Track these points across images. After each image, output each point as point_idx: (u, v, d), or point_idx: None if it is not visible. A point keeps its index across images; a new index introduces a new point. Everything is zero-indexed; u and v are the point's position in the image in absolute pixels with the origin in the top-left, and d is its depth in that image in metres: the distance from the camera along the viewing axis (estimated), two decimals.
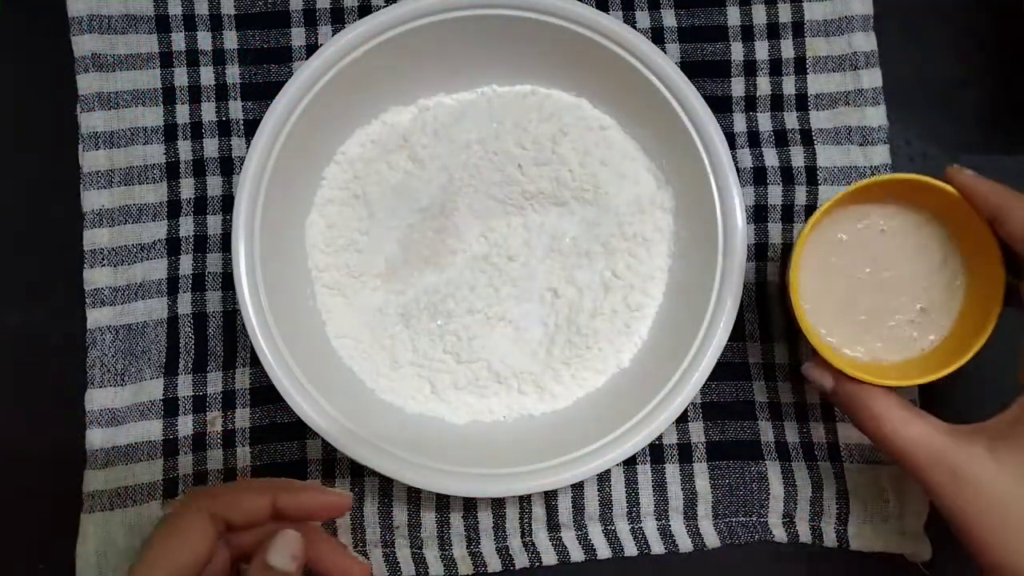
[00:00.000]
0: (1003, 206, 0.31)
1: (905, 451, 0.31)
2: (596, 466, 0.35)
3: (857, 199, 0.34)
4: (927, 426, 0.31)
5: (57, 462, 0.39)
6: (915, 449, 0.30)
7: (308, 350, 0.37)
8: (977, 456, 0.29)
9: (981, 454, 0.29)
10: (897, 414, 0.31)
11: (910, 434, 0.31)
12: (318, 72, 0.37)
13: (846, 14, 0.43)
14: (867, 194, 0.34)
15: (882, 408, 0.32)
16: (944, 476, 0.29)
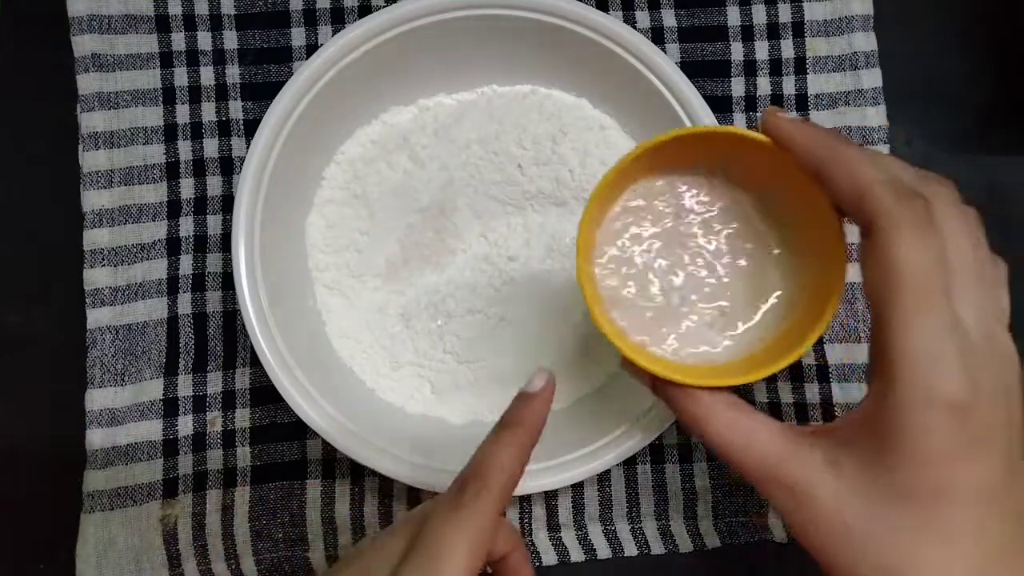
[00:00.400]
0: (828, 158, 0.25)
1: (737, 462, 0.26)
2: (596, 466, 0.35)
3: (657, 167, 0.28)
4: (760, 430, 0.26)
5: (57, 462, 0.39)
6: (751, 459, 0.25)
7: (308, 350, 0.37)
8: (815, 467, 0.25)
9: (819, 465, 0.24)
10: (724, 416, 0.26)
11: (738, 440, 0.26)
12: (318, 72, 0.37)
13: (846, 14, 0.43)
14: (666, 160, 0.28)
15: (703, 409, 0.27)
16: (781, 492, 0.25)
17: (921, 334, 0.22)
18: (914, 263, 0.23)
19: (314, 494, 0.39)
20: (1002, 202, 0.43)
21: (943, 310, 0.23)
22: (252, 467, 0.39)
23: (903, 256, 0.23)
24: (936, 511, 0.23)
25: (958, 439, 0.22)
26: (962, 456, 0.23)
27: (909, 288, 0.23)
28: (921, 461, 0.23)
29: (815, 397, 0.40)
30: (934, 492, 0.23)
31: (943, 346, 0.22)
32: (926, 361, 0.22)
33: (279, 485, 0.39)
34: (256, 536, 0.39)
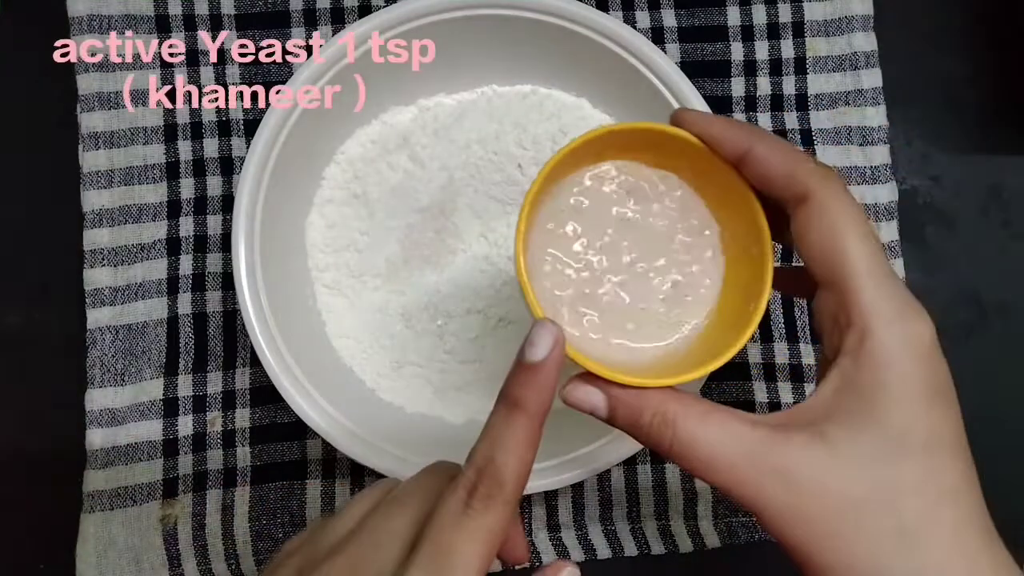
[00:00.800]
0: (747, 138, 0.25)
1: (713, 460, 0.23)
2: (596, 466, 0.35)
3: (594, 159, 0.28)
4: (732, 420, 0.24)
5: (57, 462, 0.39)
6: (725, 454, 0.23)
7: (308, 350, 0.37)
8: (803, 446, 0.23)
9: (807, 443, 0.23)
10: (693, 411, 0.24)
11: (712, 435, 0.23)
12: (318, 72, 0.37)
13: (846, 14, 0.43)
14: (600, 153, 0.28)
15: (674, 408, 0.24)
16: (773, 482, 0.23)
17: (883, 282, 0.23)
18: (858, 217, 0.24)
19: (314, 494, 0.39)
20: (1002, 202, 0.43)
21: (887, 261, 0.24)
22: (252, 467, 0.39)
23: (848, 211, 0.24)
24: (931, 465, 0.23)
25: (935, 380, 0.23)
26: (942, 398, 0.23)
27: (861, 239, 0.23)
28: (912, 406, 0.22)
29: None
30: (927, 440, 0.23)
31: (903, 292, 0.23)
32: (896, 306, 0.23)
33: (279, 485, 0.39)
34: (256, 536, 0.38)
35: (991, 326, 0.42)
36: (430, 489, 0.25)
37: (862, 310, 0.23)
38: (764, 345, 0.41)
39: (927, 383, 0.23)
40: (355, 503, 0.26)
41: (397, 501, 0.25)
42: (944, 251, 0.43)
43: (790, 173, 0.25)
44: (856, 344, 0.23)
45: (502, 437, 0.24)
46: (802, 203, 0.24)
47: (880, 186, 0.42)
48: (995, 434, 0.41)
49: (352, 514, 0.25)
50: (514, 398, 0.25)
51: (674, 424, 0.24)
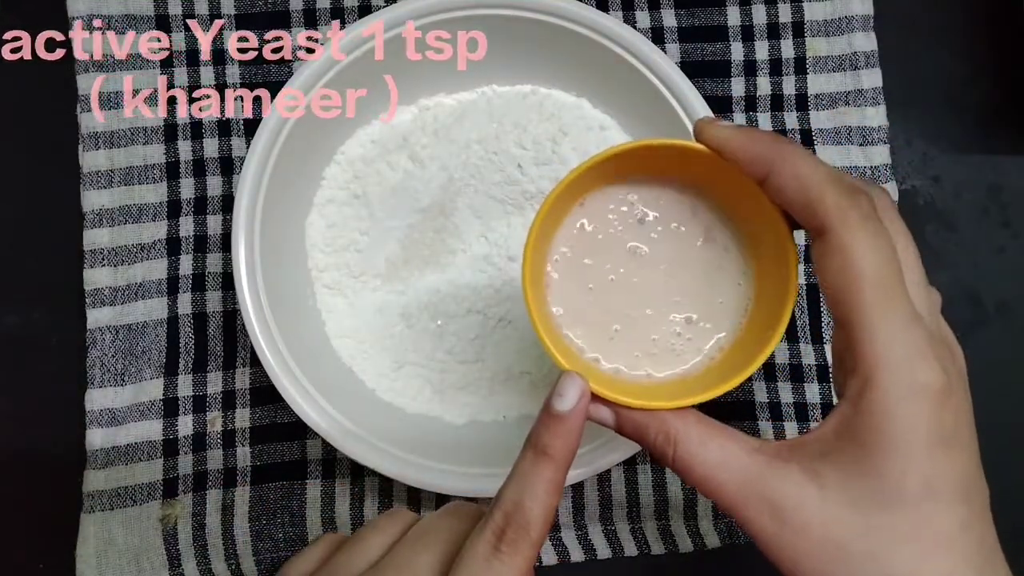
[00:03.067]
0: (768, 159, 0.24)
1: (709, 481, 0.24)
2: (596, 466, 0.35)
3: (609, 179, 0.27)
4: (732, 445, 0.24)
5: (57, 462, 0.39)
6: (721, 476, 0.24)
7: (308, 350, 0.37)
8: (796, 482, 0.23)
9: (800, 479, 0.23)
10: (694, 432, 0.25)
11: (710, 457, 0.24)
12: (318, 72, 0.37)
13: (846, 14, 0.43)
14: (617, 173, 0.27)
15: (677, 427, 0.25)
16: (761, 511, 0.23)
17: (893, 328, 0.22)
18: (873, 259, 0.22)
19: (314, 494, 0.39)
20: (1003, 202, 0.43)
21: (907, 304, 0.23)
22: (252, 467, 0.39)
23: (862, 252, 0.22)
24: (927, 512, 0.22)
25: (939, 429, 0.22)
26: (944, 446, 0.22)
27: (873, 284, 0.22)
28: (909, 455, 0.22)
29: (815, 397, 0.40)
30: (923, 490, 0.22)
31: (915, 338, 0.22)
32: (903, 353, 0.22)
33: (279, 485, 0.39)
34: (256, 536, 0.38)
35: (991, 326, 0.42)
36: (455, 530, 0.26)
37: (866, 358, 0.22)
38: None
39: (929, 432, 0.22)
40: (375, 532, 0.26)
41: (423, 538, 0.25)
42: (944, 251, 0.43)
43: (807, 197, 0.23)
44: (857, 392, 0.23)
45: (530, 482, 0.25)
46: (820, 236, 0.23)
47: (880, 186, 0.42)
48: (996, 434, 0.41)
49: (373, 543, 0.26)
50: (542, 445, 0.25)
51: (675, 443, 0.25)
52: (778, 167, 0.24)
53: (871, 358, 0.22)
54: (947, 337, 0.25)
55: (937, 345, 0.23)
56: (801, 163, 0.24)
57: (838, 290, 0.23)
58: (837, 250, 0.23)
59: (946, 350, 0.24)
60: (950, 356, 0.24)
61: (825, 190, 0.23)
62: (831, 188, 0.23)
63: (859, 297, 0.22)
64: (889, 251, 0.23)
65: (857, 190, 0.23)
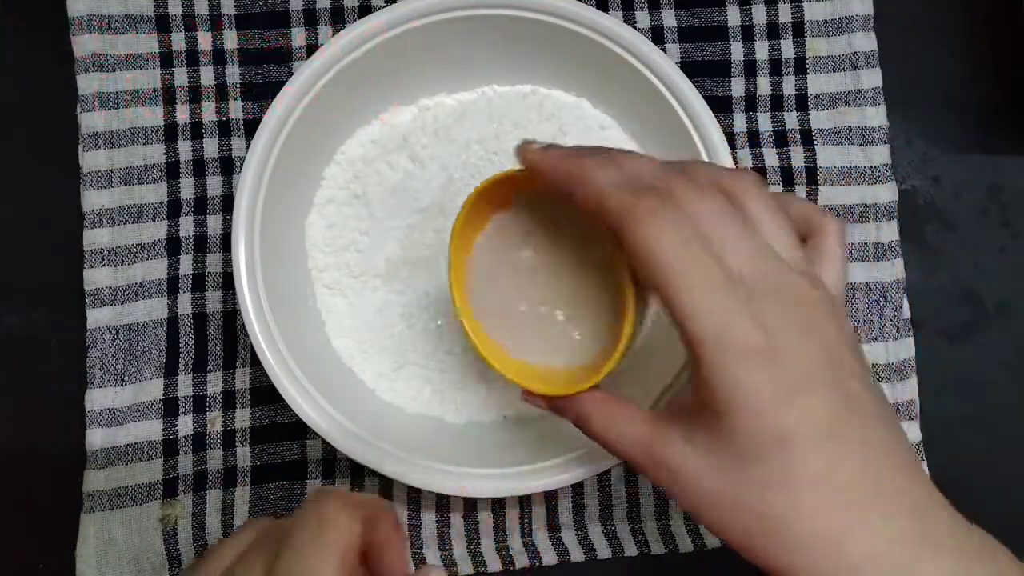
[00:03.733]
0: (569, 177, 0.26)
1: (620, 451, 0.27)
2: (596, 466, 0.35)
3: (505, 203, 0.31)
4: (632, 418, 0.27)
5: (57, 462, 0.39)
6: (629, 447, 0.27)
7: (308, 350, 0.37)
8: (678, 447, 0.26)
9: (680, 443, 0.26)
10: (602, 411, 0.28)
11: (617, 431, 0.27)
12: (319, 72, 0.37)
13: (846, 14, 0.43)
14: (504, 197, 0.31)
15: (586, 409, 0.28)
16: (660, 473, 0.26)
17: (698, 303, 0.23)
18: (664, 245, 0.23)
19: None
20: (1003, 202, 0.43)
21: (712, 273, 0.23)
22: (252, 467, 0.39)
23: (650, 245, 0.23)
24: (789, 458, 0.23)
25: (776, 383, 0.23)
26: (786, 397, 0.23)
27: (670, 270, 0.23)
28: (752, 414, 0.23)
29: None
30: (778, 440, 0.23)
31: (722, 301, 0.23)
32: (714, 324, 0.23)
33: (279, 485, 0.39)
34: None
35: (991, 326, 0.42)
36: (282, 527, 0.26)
37: (685, 334, 0.24)
38: None
39: (762, 388, 0.23)
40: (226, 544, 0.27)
41: (257, 545, 0.26)
42: (944, 251, 0.43)
43: (599, 206, 0.25)
44: (694, 365, 0.24)
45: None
46: (619, 240, 0.25)
47: (880, 186, 0.42)
48: (996, 434, 0.41)
49: (220, 555, 0.26)
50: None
51: (588, 423, 0.28)
52: (576, 182, 0.26)
53: (688, 333, 0.24)
54: (788, 288, 0.25)
55: (756, 301, 0.23)
56: (593, 174, 0.25)
57: (649, 286, 0.24)
58: (631, 248, 0.24)
59: (773, 303, 0.24)
60: (778, 308, 0.24)
61: (610, 195, 0.24)
62: (615, 192, 0.24)
63: (662, 284, 0.23)
64: (679, 236, 0.23)
65: (644, 190, 0.24)
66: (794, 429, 0.23)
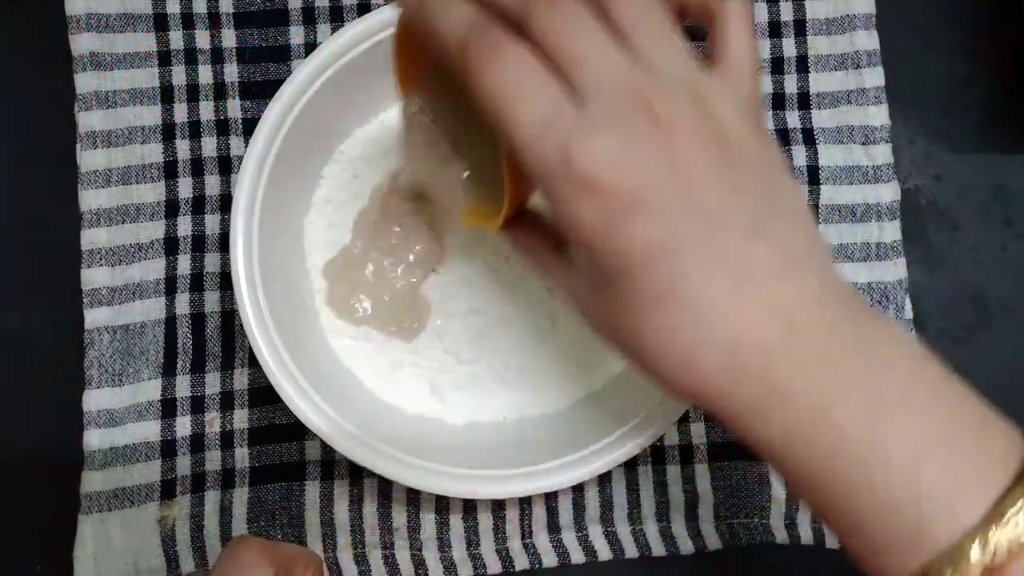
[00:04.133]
0: (424, 23, 0.25)
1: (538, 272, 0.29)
2: (597, 467, 0.35)
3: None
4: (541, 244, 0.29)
5: (55, 463, 0.39)
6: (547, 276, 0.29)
7: (307, 351, 0.37)
8: (578, 281, 0.27)
9: (578, 279, 0.26)
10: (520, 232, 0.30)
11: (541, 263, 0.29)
12: (317, 71, 0.37)
13: (848, 12, 0.43)
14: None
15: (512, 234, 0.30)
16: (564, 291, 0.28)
17: (520, 133, 0.23)
18: (490, 89, 0.23)
19: (313, 495, 0.39)
20: (1006, 201, 0.43)
21: (534, 104, 0.22)
22: (250, 468, 0.39)
23: (479, 89, 0.23)
24: (626, 285, 0.23)
25: (601, 214, 0.22)
26: (610, 226, 0.22)
27: (495, 110, 0.23)
28: (583, 247, 0.23)
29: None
30: (616, 269, 0.23)
31: (546, 133, 0.22)
32: (533, 154, 0.23)
33: (277, 486, 0.39)
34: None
35: (994, 326, 0.42)
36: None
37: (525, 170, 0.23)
38: None
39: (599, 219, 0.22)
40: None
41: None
42: (946, 251, 0.42)
43: (441, 56, 0.24)
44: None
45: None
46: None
47: (882, 185, 0.42)
48: None
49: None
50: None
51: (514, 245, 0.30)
52: (426, 30, 0.25)
53: (524, 168, 0.23)
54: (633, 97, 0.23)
55: (607, 119, 0.22)
56: (434, 16, 0.24)
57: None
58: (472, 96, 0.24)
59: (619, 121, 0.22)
60: (625, 125, 0.22)
61: (446, 42, 0.24)
62: (451, 37, 0.24)
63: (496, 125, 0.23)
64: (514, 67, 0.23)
65: (482, 26, 0.23)
66: (625, 256, 0.22)
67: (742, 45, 0.25)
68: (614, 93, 0.23)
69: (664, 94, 0.23)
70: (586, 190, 0.22)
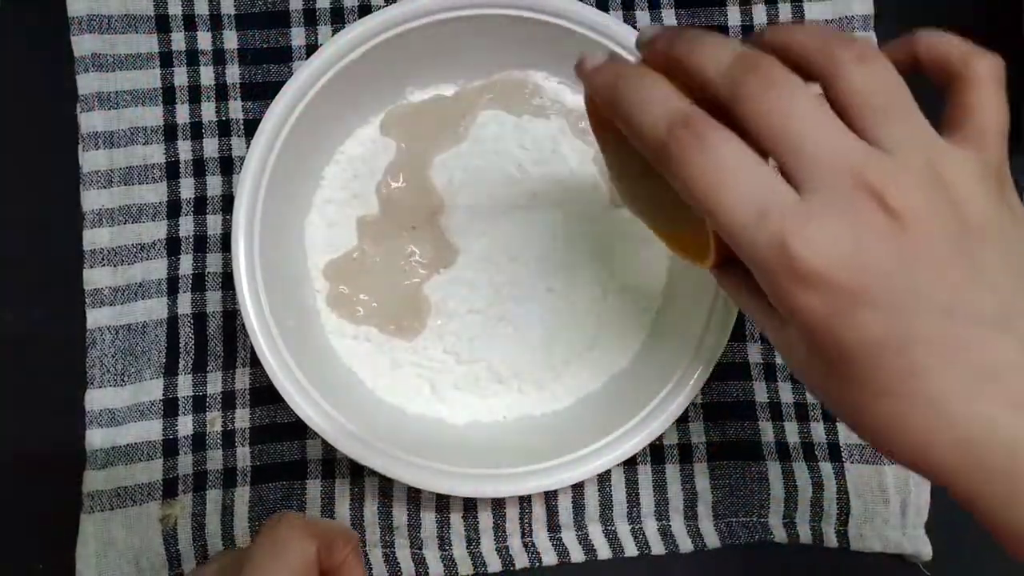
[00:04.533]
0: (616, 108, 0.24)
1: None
2: (596, 466, 0.35)
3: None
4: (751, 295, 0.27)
5: (57, 462, 0.39)
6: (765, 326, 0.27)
7: (308, 350, 0.37)
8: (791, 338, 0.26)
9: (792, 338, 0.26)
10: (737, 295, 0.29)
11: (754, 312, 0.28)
12: (318, 72, 0.37)
13: (846, 14, 0.43)
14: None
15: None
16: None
17: (734, 225, 0.22)
18: (694, 183, 0.22)
19: (314, 494, 0.39)
20: None
21: (741, 196, 0.22)
22: (252, 467, 0.39)
23: (681, 181, 0.22)
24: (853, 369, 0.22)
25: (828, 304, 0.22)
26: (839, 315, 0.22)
27: (703, 201, 0.22)
28: (806, 331, 0.22)
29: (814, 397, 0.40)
30: (840, 355, 0.22)
31: (755, 226, 0.21)
32: (753, 247, 0.22)
33: (279, 485, 0.39)
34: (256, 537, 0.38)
35: None
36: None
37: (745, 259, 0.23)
38: (764, 345, 0.41)
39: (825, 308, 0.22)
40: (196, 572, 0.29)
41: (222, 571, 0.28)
42: None
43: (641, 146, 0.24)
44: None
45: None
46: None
47: None
48: None
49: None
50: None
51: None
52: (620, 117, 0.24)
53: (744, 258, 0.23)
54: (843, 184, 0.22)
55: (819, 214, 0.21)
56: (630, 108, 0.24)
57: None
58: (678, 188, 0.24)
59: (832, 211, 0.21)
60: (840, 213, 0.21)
61: (644, 135, 0.23)
62: (650, 132, 0.23)
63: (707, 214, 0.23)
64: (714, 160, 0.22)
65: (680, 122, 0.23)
66: (849, 349, 0.22)
67: (992, 112, 0.23)
68: (840, 180, 0.21)
69: (899, 182, 0.21)
70: (807, 284, 0.21)
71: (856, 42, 0.23)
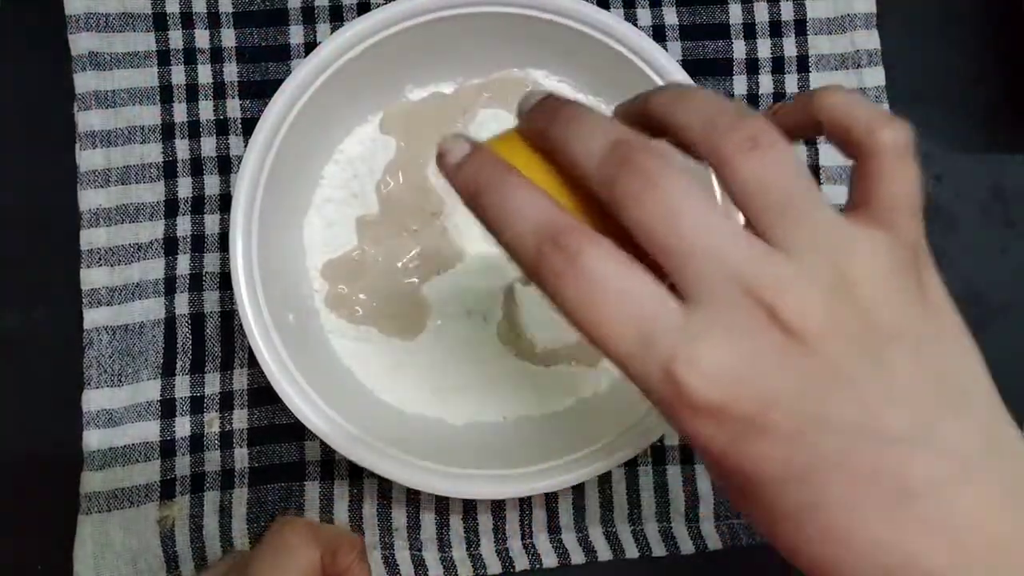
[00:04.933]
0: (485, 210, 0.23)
1: None
2: (597, 468, 0.35)
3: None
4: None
5: (54, 463, 0.39)
6: None
7: (307, 351, 0.37)
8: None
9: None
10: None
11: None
12: (316, 70, 0.36)
13: (849, 12, 0.43)
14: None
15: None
16: None
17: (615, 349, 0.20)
18: (567, 304, 0.20)
19: (312, 495, 0.39)
20: (1006, 202, 0.43)
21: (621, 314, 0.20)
22: (250, 468, 0.39)
23: (565, 305, 0.21)
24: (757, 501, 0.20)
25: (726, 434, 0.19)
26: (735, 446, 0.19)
27: (583, 322, 0.20)
28: (709, 460, 0.20)
29: None
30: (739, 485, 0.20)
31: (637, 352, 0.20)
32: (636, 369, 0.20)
33: (277, 487, 0.39)
34: (254, 538, 0.38)
35: (994, 326, 0.42)
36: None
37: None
38: None
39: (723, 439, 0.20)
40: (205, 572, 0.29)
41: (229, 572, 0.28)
42: (946, 251, 0.42)
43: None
44: None
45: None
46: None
47: None
48: None
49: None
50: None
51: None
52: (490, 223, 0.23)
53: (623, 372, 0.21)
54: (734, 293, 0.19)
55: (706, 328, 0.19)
56: (503, 217, 0.23)
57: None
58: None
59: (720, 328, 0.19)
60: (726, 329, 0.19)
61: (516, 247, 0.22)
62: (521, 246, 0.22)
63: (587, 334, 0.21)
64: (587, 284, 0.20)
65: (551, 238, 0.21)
66: (751, 476, 0.20)
67: (902, 186, 0.21)
68: (727, 292, 0.19)
69: (796, 292, 0.19)
70: (701, 415, 0.19)
71: (746, 122, 0.20)
